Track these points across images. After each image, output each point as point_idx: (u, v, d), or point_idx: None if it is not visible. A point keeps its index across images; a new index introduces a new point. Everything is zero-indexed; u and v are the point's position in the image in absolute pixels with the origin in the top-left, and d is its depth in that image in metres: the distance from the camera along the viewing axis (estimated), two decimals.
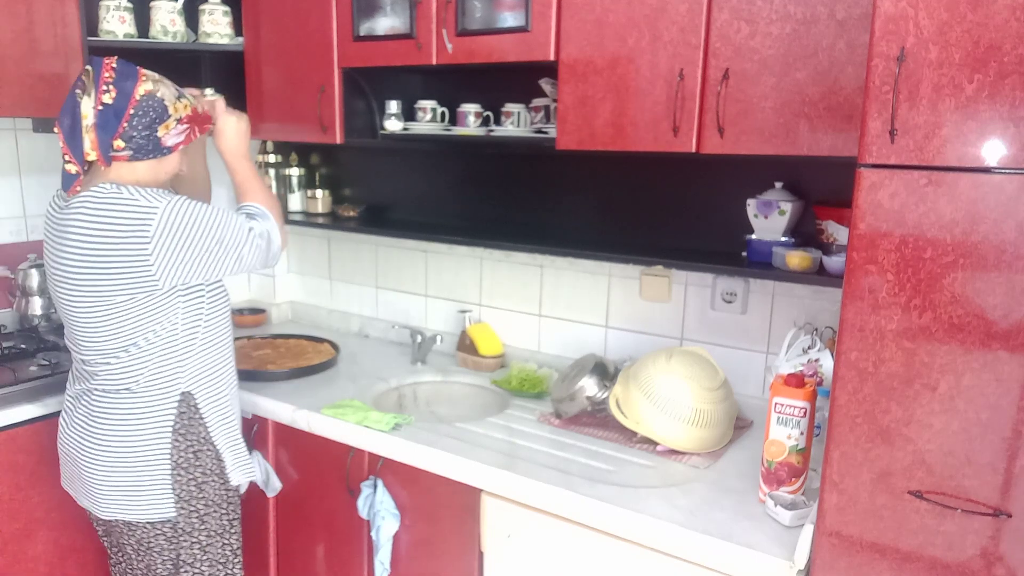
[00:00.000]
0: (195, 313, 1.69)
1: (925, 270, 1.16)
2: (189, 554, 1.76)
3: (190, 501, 1.73)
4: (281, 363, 2.36)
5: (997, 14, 1.07)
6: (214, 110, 1.83)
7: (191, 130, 1.71)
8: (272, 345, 2.55)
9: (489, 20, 1.91)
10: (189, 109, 1.71)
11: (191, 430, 1.72)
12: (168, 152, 1.68)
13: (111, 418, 1.68)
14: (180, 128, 1.68)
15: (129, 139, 1.62)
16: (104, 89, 1.59)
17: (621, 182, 2.16)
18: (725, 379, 1.82)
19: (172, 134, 1.67)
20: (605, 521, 1.55)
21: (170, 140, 1.67)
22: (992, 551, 1.18)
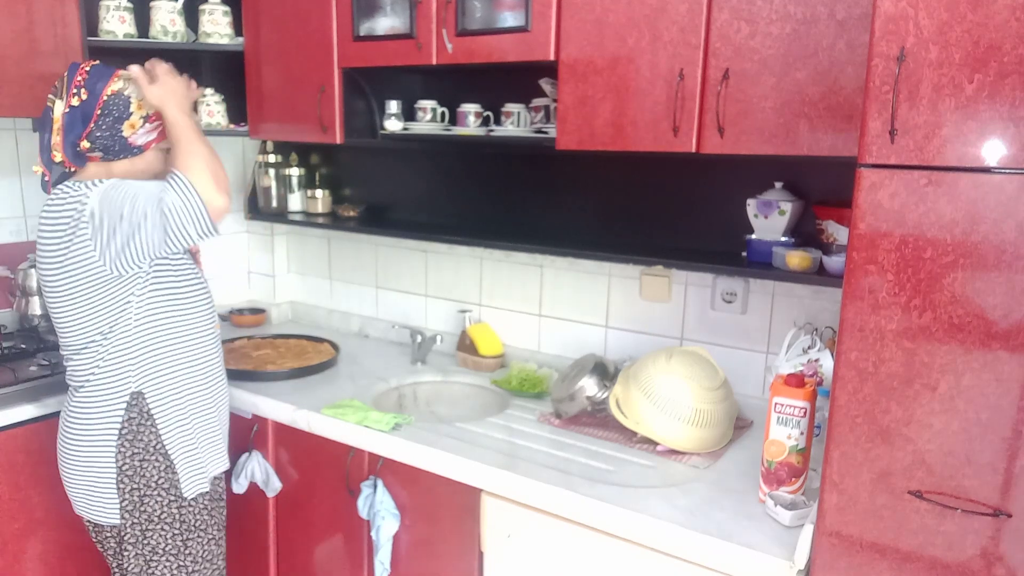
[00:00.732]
0: (149, 307, 1.65)
1: (925, 270, 1.16)
2: (136, 565, 1.71)
3: (133, 512, 1.69)
4: (281, 363, 2.35)
5: (997, 14, 1.07)
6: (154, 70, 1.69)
7: (159, 126, 1.67)
8: (272, 345, 2.55)
9: (489, 20, 1.91)
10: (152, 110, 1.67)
11: (139, 436, 1.67)
12: (139, 151, 1.67)
13: (70, 415, 1.71)
14: (149, 126, 1.66)
15: (95, 139, 1.63)
16: (74, 92, 1.61)
17: (621, 182, 2.16)
18: (725, 379, 1.82)
19: (141, 133, 1.65)
20: (605, 521, 1.55)
21: (139, 139, 1.66)
22: (992, 551, 1.18)
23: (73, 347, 1.68)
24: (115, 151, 1.65)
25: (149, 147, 1.68)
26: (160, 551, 1.71)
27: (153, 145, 1.68)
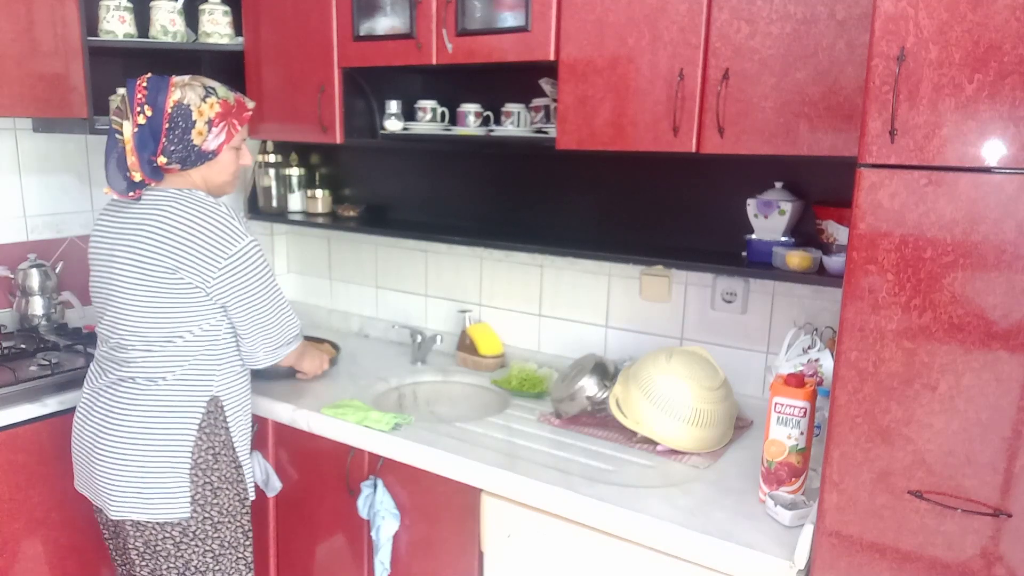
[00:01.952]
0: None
1: (925, 270, 1.16)
2: (201, 562, 1.73)
3: (204, 507, 1.72)
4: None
5: (997, 14, 1.07)
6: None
7: (228, 126, 1.69)
8: None
9: (489, 20, 1.91)
10: (218, 106, 1.67)
11: (216, 432, 1.73)
12: (214, 155, 1.69)
13: (137, 408, 1.68)
14: (215, 130, 1.67)
15: (170, 153, 1.64)
16: (138, 110, 1.62)
17: (621, 182, 2.16)
18: (725, 379, 1.82)
19: (210, 138, 1.67)
20: (605, 521, 1.55)
21: (211, 143, 1.67)
22: (992, 551, 1.18)
23: (151, 338, 1.66)
24: (191, 160, 1.66)
25: (221, 150, 1.69)
26: (228, 544, 1.76)
27: (224, 147, 1.69)
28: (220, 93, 1.69)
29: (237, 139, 1.72)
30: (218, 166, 1.72)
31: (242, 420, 1.80)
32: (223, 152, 1.70)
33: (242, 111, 1.73)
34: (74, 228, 2.70)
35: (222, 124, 1.68)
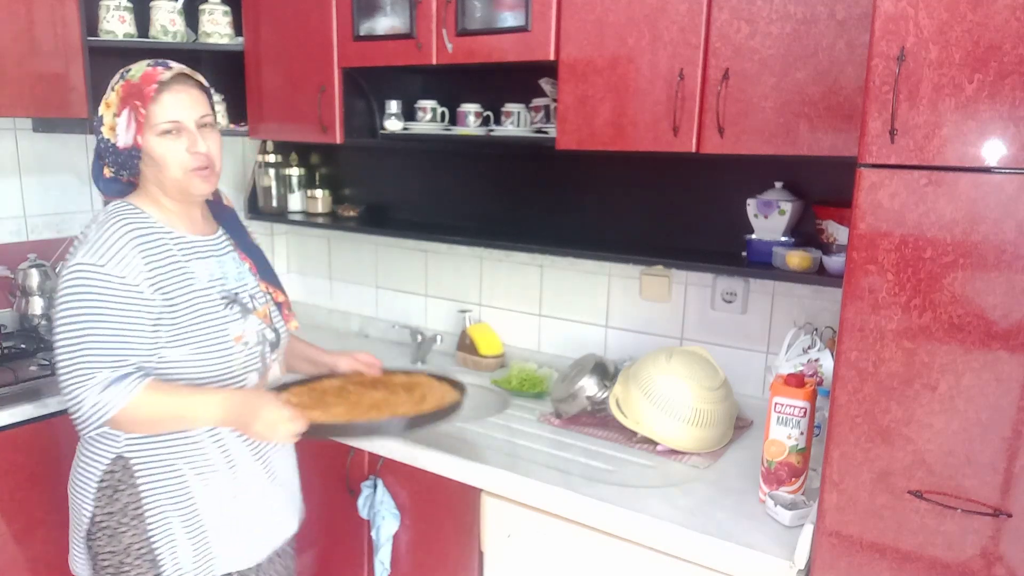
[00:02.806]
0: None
1: (925, 270, 1.16)
2: None
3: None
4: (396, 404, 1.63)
5: (997, 14, 1.07)
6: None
7: (132, 111, 1.37)
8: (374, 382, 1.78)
9: (489, 20, 1.91)
10: (120, 89, 1.39)
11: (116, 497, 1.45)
12: (137, 153, 1.39)
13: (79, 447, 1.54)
14: (121, 120, 1.38)
15: (107, 161, 1.44)
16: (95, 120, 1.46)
17: (621, 182, 2.16)
18: (725, 379, 1.82)
19: (120, 131, 1.39)
20: (605, 521, 1.55)
21: (124, 138, 1.39)
22: (992, 551, 1.17)
23: None
24: (124, 164, 1.42)
25: (140, 142, 1.38)
26: None
27: (142, 137, 1.38)
28: (131, 72, 1.39)
29: (158, 123, 1.37)
30: (155, 162, 1.40)
31: (166, 487, 1.44)
32: (148, 144, 1.38)
33: (146, 86, 1.36)
34: (74, 228, 2.69)
35: (127, 112, 1.37)
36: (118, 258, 1.35)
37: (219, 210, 1.61)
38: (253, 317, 1.50)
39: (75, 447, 2.14)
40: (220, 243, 1.55)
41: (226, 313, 1.45)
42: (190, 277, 1.43)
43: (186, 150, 1.41)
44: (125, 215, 1.40)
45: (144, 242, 1.39)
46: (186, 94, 1.41)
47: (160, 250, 1.41)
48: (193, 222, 1.51)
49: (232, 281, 1.50)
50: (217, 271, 1.48)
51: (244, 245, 1.59)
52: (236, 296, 1.49)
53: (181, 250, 1.44)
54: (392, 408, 1.56)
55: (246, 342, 1.47)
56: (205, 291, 1.44)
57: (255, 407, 1.39)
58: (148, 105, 1.37)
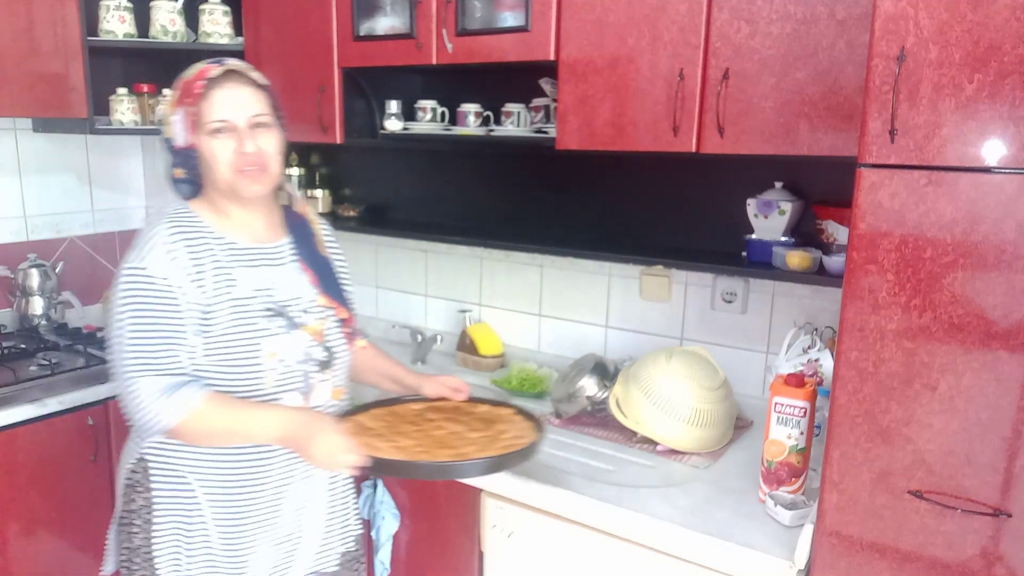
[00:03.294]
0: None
1: (925, 270, 1.16)
2: None
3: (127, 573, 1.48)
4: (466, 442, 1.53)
5: (997, 14, 1.07)
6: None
7: (184, 109, 1.37)
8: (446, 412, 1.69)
9: (489, 20, 1.91)
10: (177, 90, 1.39)
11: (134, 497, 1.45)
12: (192, 153, 1.38)
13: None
14: (175, 119, 1.38)
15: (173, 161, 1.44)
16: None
17: (621, 182, 2.16)
18: (725, 379, 1.82)
19: (176, 130, 1.39)
20: (605, 521, 1.55)
21: (180, 138, 1.39)
22: (992, 551, 1.17)
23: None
24: (183, 164, 1.41)
25: (193, 142, 1.38)
26: None
27: (194, 136, 1.37)
28: (189, 71, 1.39)
29: (208, 122, 1.36)
30: (207, 162, 1.38)
31: (174, 498, 1.42)
32: (201, 143, 1.37)
33: (195, 81, 1.35)
34: (74, 228, 2.70)
35: (181, 111, 1.37)
36: (159, 259, 1.34)
37: (290, 217, 1.56)
38: (300, 333, 1.42)
39: (74, 448, 2.15)
40: (280, 252, 1.48)
41: (265, 326, 1.39)
42: (231, 284, 1.38)
43: (235, 150, 1.37)
44: (176, 219, 1.39)
45: (188, 244, 1.36)
46: (236, 91, 1.37)
47: (203, 253, 1.37)
48: (252, 228, 1.45)
49: (283, 293, 1.43)
50: (265, 281, 1.42)
51: (309, 256, 1.51)
52: (283, 309, 1.42)
53: (227, 255, 1.40)
54: (460, 446, 1.48)
55: (282, 359, 1.40)
56: (245, 300, 1.38)
57: (313, 432, 1.34)
58: (198, 103, 1.35)
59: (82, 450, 2.12)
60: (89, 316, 2.65)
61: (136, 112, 2.41)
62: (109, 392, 2.17)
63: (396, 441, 1.48)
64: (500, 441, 1.52)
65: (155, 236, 1.36)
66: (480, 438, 1.53)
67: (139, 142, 2.85)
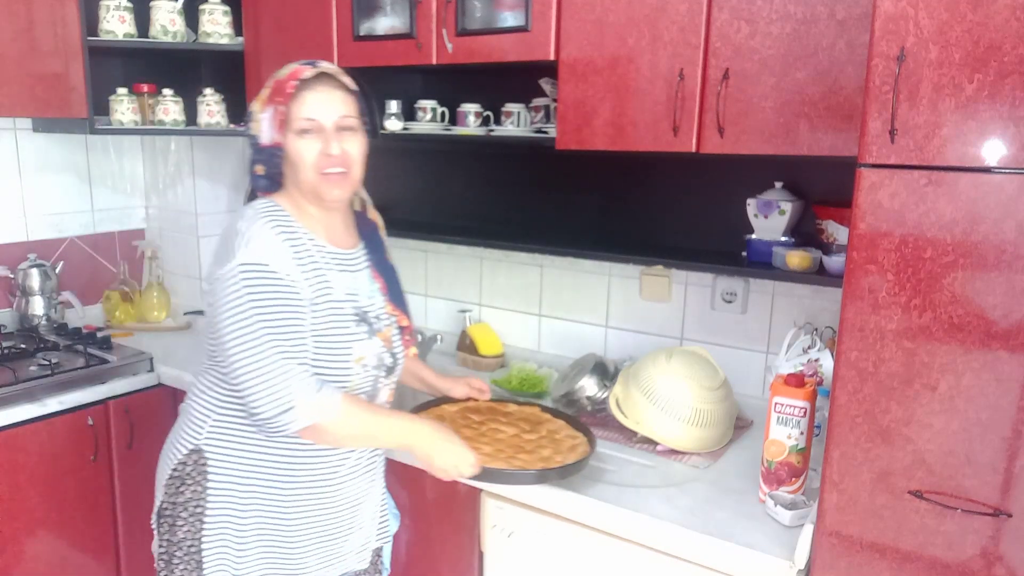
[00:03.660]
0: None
1: (925, 270, 1.16)
2: None
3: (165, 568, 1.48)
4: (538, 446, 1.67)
5: (997, 14, 1.07)
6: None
7: (274, 106, 1.37)
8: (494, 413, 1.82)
9: (489, 20, 1.91)
10: (269, 87, 1.40)
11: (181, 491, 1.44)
12: (277, 152, 1.38)
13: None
14: (265, 116, 1.39)
15: (253, 150, 1.43)
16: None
17: (621, 182, 2.16)
18: (725, 379, 1.82)
19: (264, 127, 1.39)
20: (605, 521, 1.55)
21: (266, 134, 1.38)
22: (992, 551, 1.17)
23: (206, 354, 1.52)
24: (267, 161, 1.41)
25: (279, 141, 1.37)
26: None
27: (280, 134, 1.37)
28: (282, 71, 1.40)
29: (297, 120, 1.35)
30: (292, 162, 1.38)
31: (231, 493, 1.43)
32: (288, 142, 1.37)
33: (288, 81, 1.36)
34: (74, 228, 2.70)
35: (269, 109, 1.38)
36: (276, 254, 1.33)
37: (362, 223, 1.57)
38: (376, 339, 1.45)
39: (74, 447, 2.16)
40: (357, 258, 1.50)
41: (355, 331, 1.41)
42: (328, 287, 1.39)
43: (320, 151, 1.37)
44: (273, 215, 1.37)
45: (292, 243, 1.36)
46: (327, 93, 1.38)
47: (305, 254, 1.37)
48: (332, 231, 1.46)
49: (364, 299, 1.46)
50: (352, 286, 1.44)
51: (379, 264, 1.54)
52: (365, 315, 1.44)
53: (321, 257, 1.41)
54: (536, 450, 1.63)
55: (365, 364, 1.43)
56: (340, 304, 1.40)
57: (439, 440, 1.40)
58: (288, 103, 1.35)
59: (82, 450, 2.12)
60: (89, 316, 2.65)
61: (136, 112, 2.41)
62: (109, 392, 2.17)
63: (480, 450, 1.55)
64: (564, 442, 1.68)
65: (261, 232, 1.33)
66: (541, 439, 1.68)
67: (139, 142, 2.85)
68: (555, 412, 1.83)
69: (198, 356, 2.23)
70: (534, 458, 1.59)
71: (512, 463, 1.56)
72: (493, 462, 1.54)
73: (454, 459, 1.41)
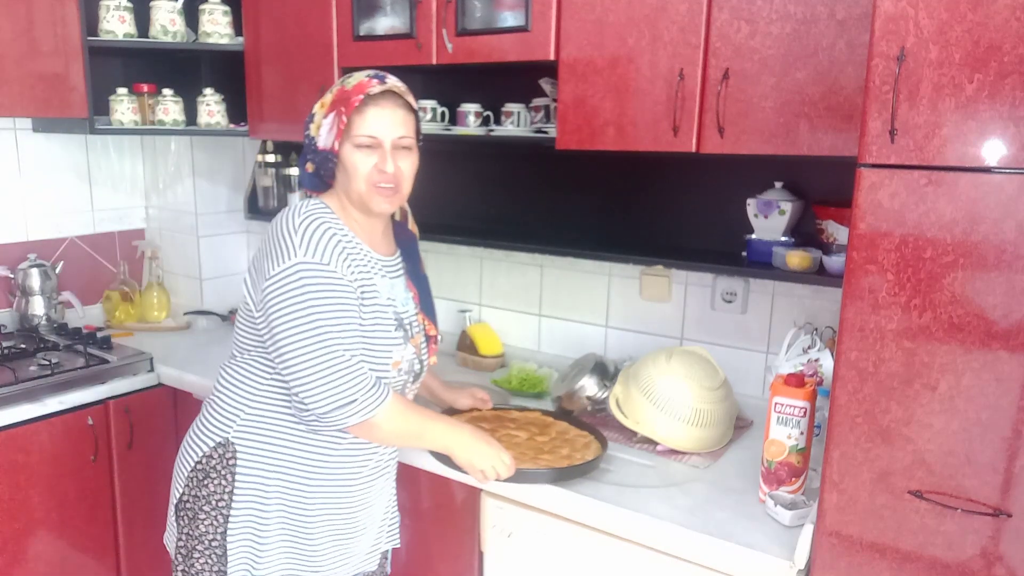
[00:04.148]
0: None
1: (925, 270, 1.16)
2: None
3: (183, 561, 1.50)
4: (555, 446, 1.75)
5: (997, 14, 1.07)
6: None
7: (337, 116, 1.39)
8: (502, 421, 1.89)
9: (489, 20, 1.91)
10: (333, 93, 1.42)
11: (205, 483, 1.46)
12: (334, 156, 1.40)
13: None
14: (326, 122, 1.40)
15: (308, 157, 1.46)
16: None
17: (621, 182, 2.16)
18: (725, 379, 1.82)
19: (323, 132, 1.41)
20: (605, 521, 1.55)
21: (323, 139, 1.41)
22: (992, 551, 1.17)
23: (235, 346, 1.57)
24: (321, 163, 1.43)
25: (337, 148, 1.41)
26: None
27: (340, 143, 1.40)
28: (350, 79, 1.41)
29: (357, 135, 1.38)
30: (344, 172, 1.42)
31: (256, 488, 1.45)
32: (344, 151, 1.40)
33: (354, 93, 1.37)
34: (74, 228, 2.70)
35: (332, 115, 1.40)
36: (335, 258, 1.37)
37: (401, 232, 1.62)
38: (410, 346, 1.50)
39: (74, 448, 2.16)
40: (396, 266, 1.55)
41: (395, 336, 1.45)
42: (375, 291, 1.43)
43: (375, 166, 1.40)
44: (325, 218, 1.40)
45: (344, 245, 1.40)
46: (391, 112, 1.41)
47: (355, 256, 1.42)
48: (373, 237, 1.50)
49: (399, 305, 1.50)
50: (392, 292, 1.49)
51: (414, 273, 1.58)
52: (402, 320, 1.49)
53: (369, 261, 1.45)
54: (555, 450, 1.70)
55: (400, 368, 1.48)
56: (384, 308, 1.44)
57: (480, 442, 1.49)
58: (351, 114, 1.38)
59: (82, 450, 2.12)
60: (89, 316, 2.65)
61: (136, 112, 2.41)
62: (109, 392, 2.17)
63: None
64: (576, 441, 1.76)
65: (322, 235, 1.37)
66: (554, 441, 1.76)
67: (139, 142, 2.85)
68: (556, 415, 1.89)
69: (198, 356, 2.24)
70: (557, 457, 1.66)
71: (538, 463, 1.62)
72: (521, 464, 1.59)
73: (492, 461, 1.48)
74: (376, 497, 1.60)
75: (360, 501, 1.54)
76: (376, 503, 1.60)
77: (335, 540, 1.53)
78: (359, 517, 1.55)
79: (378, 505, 1.62)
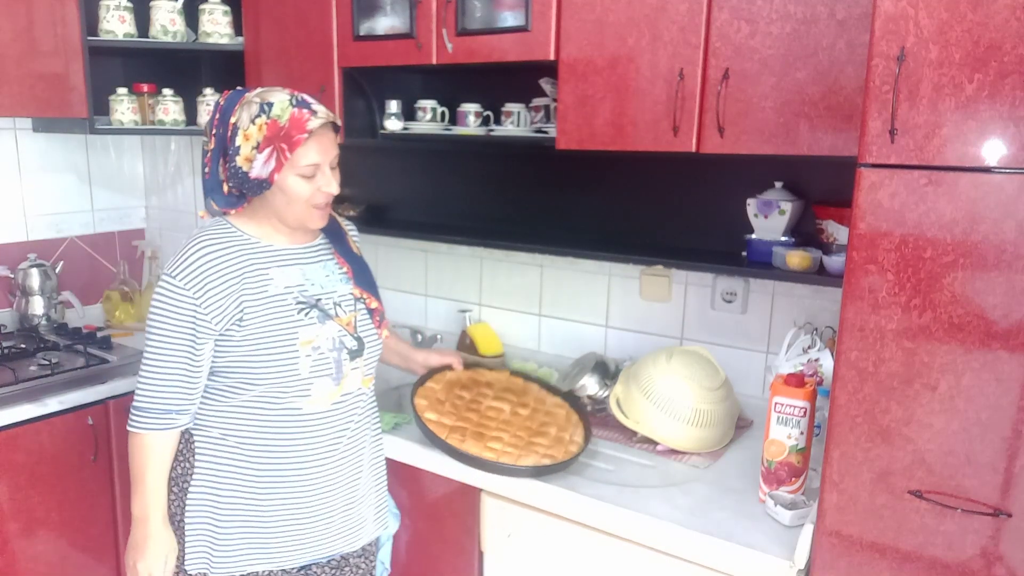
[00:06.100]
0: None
1: (925, 270, 1.16)
2: None
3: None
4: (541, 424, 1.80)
5: (997, 14, 1.07)
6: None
7: (277, 152, 1.41)
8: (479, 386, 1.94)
9: (489, 20, 1.91)
10: (265, 128, 1.41)
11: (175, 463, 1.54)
12: (269, 185, 1.44)
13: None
14: (261, 156, 1.41)
15: (230, 179, 1.48)
16: (212, 131, 1.47)
17: (621, 182, 2.16)
18: (725, 379, 1.82)
19: (257, 165, 1.42)
20: (605, 521, 1.55)
21: (259, 171, 1.43)
22: (992, 551, 1.18)
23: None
24: (249, 188, 1.46)
25: (274, 179, 1.44)
26: None
27: (279, 175, 1.43)
28: (274, 111, 1.41)
29: (300, 166, 1.43)
30: (282, 196, 1.46)
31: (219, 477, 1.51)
32: (283, 179, 1.44)
33: (295, 133, 1.41)
34: (74, 228, 2.70)
35: (269, 150, 1.41)
36: (191, 273, 1.43)
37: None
38: (332, 323, 1.53)
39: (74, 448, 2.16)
40: (314, 251, 1.59)
41: (299, 318, 1.49)
42: (266, 283, 1.49)
43: (318, 189, 1.48)
44: (211, 234, 1.49)
45: (224, 255, 1.46)
46: (328, 139, 1.48)
47: (240, 258, 1.48)
48: (292, 233, 1.56)
49: (315, 288, 1.54)
50: (298, 278, 1.53)
51: (343, 251, 1.62)
52: (317, 302, 1.53)
53: (263, 258, 1.51)
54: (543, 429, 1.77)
55: (316, 347, 1.50)
56: (280, 296, 1.49)
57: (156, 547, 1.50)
58: (295, 150, 1.42)
59: (82, 450, 2.12)
60: (89, 316, 2.65)
61: (136, 112, 2.41)
62: (109, 392, 2.17)
63: (486, 440, 1.71)
64: (556, 412, 1.84)
65: (190, 252, 1.45)
66: (536, 414, 1.82)
67: (139, 142, 2.85)
68: (525, 376, 1.97)
69: None
70: (550, 440, 1.72)
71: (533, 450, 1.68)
72: (525, 458, 1.65)
73: (148, 568, 1.50)
74: (340, 482, 1.58)
75: (315, 485, 1.54)
76: (338, 487, 1.58)
77: (290, 523, 1.54)
78: (315, 501, 1.55)
79: (340, 490, 1.59)
